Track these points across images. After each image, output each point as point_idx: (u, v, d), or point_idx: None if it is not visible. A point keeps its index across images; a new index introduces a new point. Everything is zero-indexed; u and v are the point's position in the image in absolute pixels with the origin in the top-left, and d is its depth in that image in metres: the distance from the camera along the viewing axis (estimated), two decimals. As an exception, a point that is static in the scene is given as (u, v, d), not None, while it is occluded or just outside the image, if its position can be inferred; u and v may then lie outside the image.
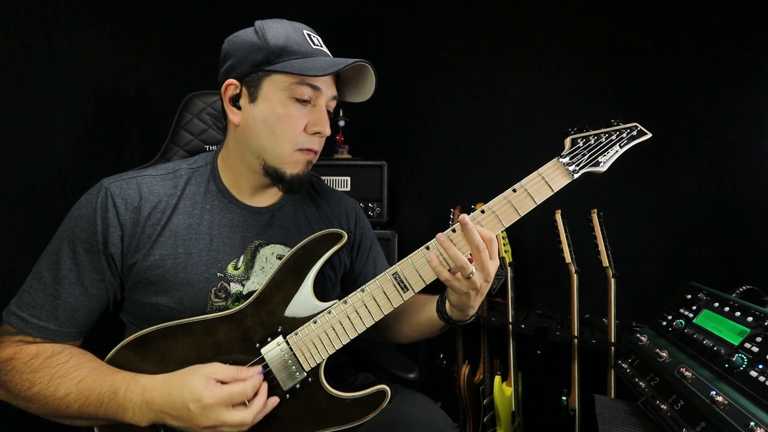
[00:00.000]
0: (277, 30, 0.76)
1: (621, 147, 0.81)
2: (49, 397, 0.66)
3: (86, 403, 0.66)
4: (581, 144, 0.81)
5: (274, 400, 0.72)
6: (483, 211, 0.77)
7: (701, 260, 1.46)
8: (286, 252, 0.83)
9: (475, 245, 0.70)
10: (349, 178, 1.63)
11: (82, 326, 0.74)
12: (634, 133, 0.83)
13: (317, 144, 0.80)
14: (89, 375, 0.68)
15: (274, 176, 0.79)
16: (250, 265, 0.81)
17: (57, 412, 0.67)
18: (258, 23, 0.78)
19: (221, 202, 0.81)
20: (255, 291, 0.78)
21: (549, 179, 0.78)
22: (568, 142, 0.82)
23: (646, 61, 1.52)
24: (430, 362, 1.74)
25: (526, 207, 0.77)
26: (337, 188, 1.61)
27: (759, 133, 1.37)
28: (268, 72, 0.75)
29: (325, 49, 0.81)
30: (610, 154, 0.80)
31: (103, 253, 0.72)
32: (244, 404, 0.67)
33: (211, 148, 1.12)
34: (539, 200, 0.77)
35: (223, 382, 0.67)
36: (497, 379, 1.57)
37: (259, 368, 0.71)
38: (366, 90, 0.83)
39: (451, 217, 1.60)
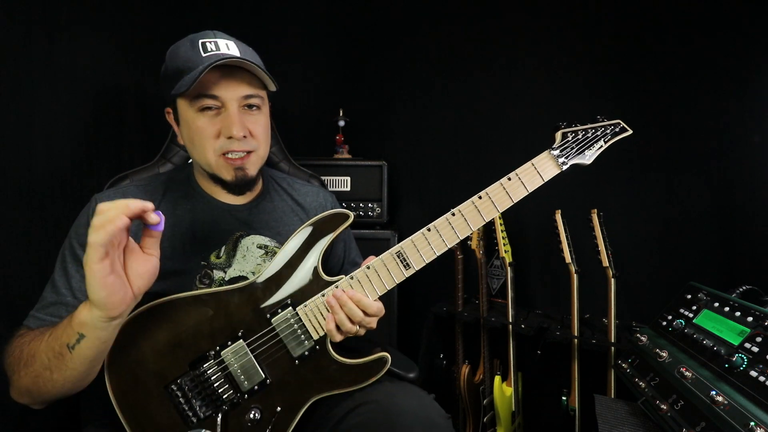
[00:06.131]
0: (173, 52, 0.82)
1: (605, 142, 0.88)
2: (37, 368, 0.67)
3: (57, 349, 0.66)
4: (570, 138, 0.87)
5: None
6: (480, 197, 0.83)
7: (701, 260, 1.46)
8: (267, 241, 0.91)
9: (355, 316, 0.77)
10: (349, 178, 1.63)
11: None
12: (617, 129, 0.89)
13: (237, 145, 0.82)
14: (53, 331, 0.68)
15: (217, 181, 0.86)
16: (232, 254, 0.88)
17: (60, 373, 0.67)
18: (169, 49, 0.83)
19: (200, 202, 0.89)
20: (237, 276, 0.87)
21: (540, 169, 0.84)
22: (558, 135, 0.88)
23: (646, 60, 1.52)
24: (430, 362, 1.74)
25: (519, 194, 0.84)
26: (337, 188, 1.62)
27: (759, 133, 1.37)
28: (173, 96, 0.80)
29: (224, 50, 0.80)
30: (595, 148, 0.87)
31: None
32: None
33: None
34: (531, 188, 0.84)
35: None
36: (497, 379, 1.57)
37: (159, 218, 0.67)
38: (267, 82, 0.84)
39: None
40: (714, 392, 0.74)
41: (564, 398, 1.44)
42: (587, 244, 1.37)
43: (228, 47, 0.81)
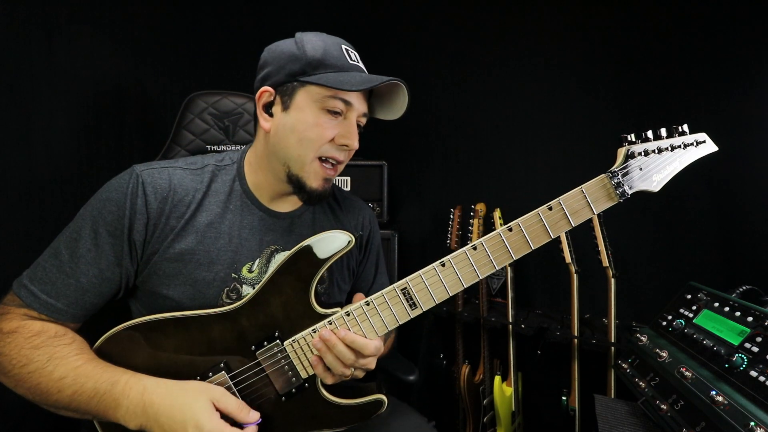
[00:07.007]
0: (316, 43, 0.77)
1: (682, 162, 0.71)
2: (44, 377, 0.65)
3: (80, 391, 0.65)
4: (639, 156, 0.70)
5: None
6: (510, 229, 0.70)
7: (701, 260, 1.46)
8: None
9: (346, 360, 0.70)
10: (349, 178, 1.63)
11: (88, 309, 0.73)
12: (701, 145, 0.73)
13: (343, 155, 0.81)
14: (89, 363, 0.67)
15: (296, 185, 0.80)
16: (264, 270, 0.81)
17: (46, 395, 0.65)
18: (298, 35, 0.79)
19: (244, 203, 0.82)
20: None
21: (592, 198, 0.68)
22: (621, 153, 0.70)
23: (646, 60, 1.52)
24: (430, 362, 1.74)
25: (560, 228, 0.68)
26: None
27: (759, 133, 1.37)
28: (303, 83, 0.76)
29: (361, 65, 0.82)
30: (667, 171, 0.69)
31: (126, 239, 0.72)
32: None
33: (212, 148, 1.12)
34: (576, 222, 0.68)
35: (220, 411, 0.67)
36: (497, 379, 1.57)
37: (257, 416, 0.69)
38: (398, 108, 0.83)
39: (451, 217, 1.60)
40: (714, 392, 0.74)
41: (564, 398, 1.44)
42: (587, 244, 1.37)
43: (360, 62, 0.82)
